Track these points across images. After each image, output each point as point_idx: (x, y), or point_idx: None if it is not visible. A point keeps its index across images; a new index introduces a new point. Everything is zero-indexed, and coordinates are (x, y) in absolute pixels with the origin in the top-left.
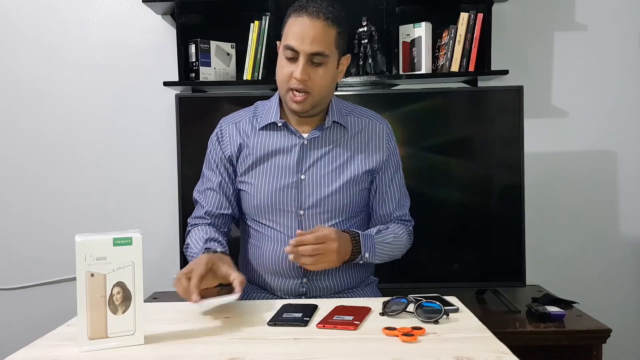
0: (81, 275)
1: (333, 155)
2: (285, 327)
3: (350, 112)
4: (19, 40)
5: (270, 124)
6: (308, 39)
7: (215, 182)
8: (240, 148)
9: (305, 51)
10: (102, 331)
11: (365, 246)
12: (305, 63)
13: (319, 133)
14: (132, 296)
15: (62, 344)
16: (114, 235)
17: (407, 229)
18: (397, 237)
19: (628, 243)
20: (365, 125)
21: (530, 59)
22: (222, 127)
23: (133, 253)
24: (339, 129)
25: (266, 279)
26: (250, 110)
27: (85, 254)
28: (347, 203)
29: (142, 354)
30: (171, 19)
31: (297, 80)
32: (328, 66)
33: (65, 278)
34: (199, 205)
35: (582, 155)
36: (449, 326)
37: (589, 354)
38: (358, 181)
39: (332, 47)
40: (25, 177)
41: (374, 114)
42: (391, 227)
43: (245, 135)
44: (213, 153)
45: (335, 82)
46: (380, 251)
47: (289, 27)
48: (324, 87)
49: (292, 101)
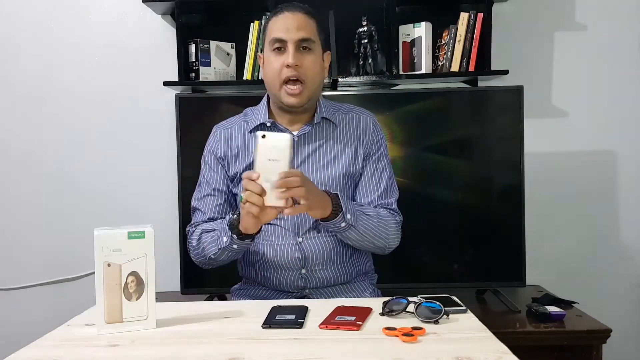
0: (99, 265)
1: (323, 150)
2: (281, 329)
3: (337, 110)
4: (19, 40)
5: (260, 125)
6: (293, 27)
7: (214, 187)
8: (233, 152)
9: (293, 38)
10: (118, 316)
11: (346, 206)
12: (294, 50)
13: (309, 129)
14: (145, 284)
15: (62, 344)
16: (128, 229)
17: (393, 217)
18: (382, 219)
19: (628, 243)
20: (351, 120)
21: (530, 59)
22: (215, 134)
23: (146, 245)
24: (328, 125)
25: (265, 273)
26: (241, 116)
27: (102, 246)
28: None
29: (141, 354)
30: (171, 19)
31: (290, 67)
32: (316, 53)
33: (66, 278)
34: (199, 212)
35: (582, 155)
36: (449, 326)
37: (589, 354)
38: (351, 173)
39: (316, 35)
40: (23, 177)
41: (359, 109)
42: (375, 210)
43: (238, 140)
44: (209, 160)
45: (323, 75)
46: (363, 222)
47: (272, 26)
48: (315, 75)
49: (288, 95)
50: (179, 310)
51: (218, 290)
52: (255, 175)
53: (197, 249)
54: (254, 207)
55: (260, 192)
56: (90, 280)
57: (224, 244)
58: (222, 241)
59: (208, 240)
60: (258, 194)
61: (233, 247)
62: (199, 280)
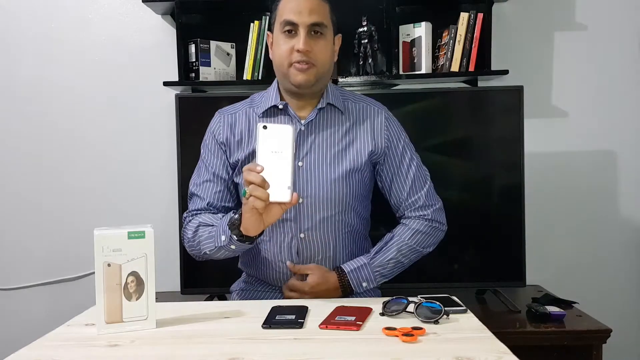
0: (99, 265)
1: (331, 141)
2: (281, 329)
3: (346, 97)
4: (19, 40)
5: (271, 108)
6: (306, 10)
7: (215, 173)
8: (236, 139)
9: (305, 22)
10: (118, 316)
11: (360, 278)
12: (306, 34)
13: (315, 115)
14: (145, 284)
15: (62, 344)
16: (128, 229)
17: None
18: (403, 245)
19: (628, 243)
20: (362, 111)
21: (530, 59)
22: (218, 119)
23: (146, 245)
24: (335, 112)
25: (266, 269)
26: (247, 102)
27: (102, 246)
28: (346, 192)
29: (141, 354)
30: (171, 18)
31: (300, 52)
32: (327, 38)
33: (66, 278)
34: (197, 198)
35: (582, 155)
36: (449, 326)
37: (589, 354)
38: (359, 169)
39: (328, 19)
40: (23, 177)
41: (370, 100)
42: (396, 234)
43: (242, 125)
44: (210, 144)
45: (333, 59)
46: (386, 270)
47: (283, 6)
48: (326, 60)
49: (298, 71)
50: (179, 310)
51: (218, 290)
52: (259, 167)
53: (192, 241)
54: (258, 201)
55: (263, 185)
56: (90, 280)
57: (222, 243)
58: (220, 240)
59: (205, 235)
60: (262, 186)
61: (231, 248)
62: (199, 280)
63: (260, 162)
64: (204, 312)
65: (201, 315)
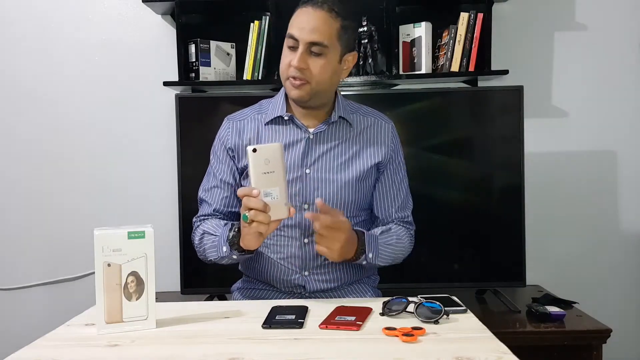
0: (99, 265)
1: (339, 150)
2: (281, 329)
3: (355, 110)
4: (19, 40)
5: (277, 118)
6: (308, 27)
7: (222, 179)
8: (244, 144)
9: (304, 40)
10: (118, 316)
11: (370, 246)
12: (303, 52)
13: (325, 127)
14: (145, 284)
15: (62, 344)
16: (128, 229)
17: (408, 232)
18: (400, 240)
19: (628, 243)
20: (370, 124)
21: (530, 59)
22: (227, 125)
23: (146, 245)
24: (344, 125)
25: (268, 272)
26: (255, 107)
27: (102, 246)
28: (352, 200)
29: (141, 354)
30: (171, 18)
31: (295, 68)
32: (328, 58)
33: (66, 278)
34: (205, 203)
35: (582, 155)
36: (449, 326)
37: (589, 354)
38: (364, 177)
39: (334, 39)
40: (23, 178)
41: (378, 113)
42: (393, 228)
43: (250, 132)
44: (218, 151)
45: (337, 77)
46: (384, 253)
47: (294, 18)
48: (323, 79)
49: (291, 87)
50: (179, 310)
51: (218, 290)
52: (255, 192)
53: (198, 247)
54: (262, 225)
55: (264, 209)
56: (90, 280)
57: (224, 254)
58: (222, 250)
59: (209, 244)
60: (263, 211)
61: (233, 257)
62: (199, 280)
63: (255, 185)
64: (204, 312)
65: (201, 315)
